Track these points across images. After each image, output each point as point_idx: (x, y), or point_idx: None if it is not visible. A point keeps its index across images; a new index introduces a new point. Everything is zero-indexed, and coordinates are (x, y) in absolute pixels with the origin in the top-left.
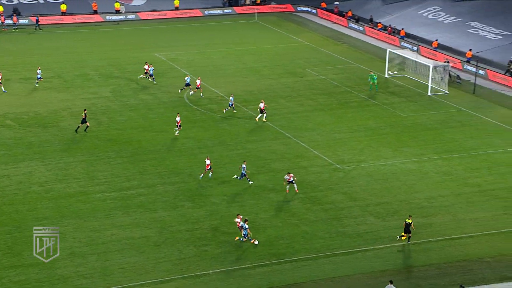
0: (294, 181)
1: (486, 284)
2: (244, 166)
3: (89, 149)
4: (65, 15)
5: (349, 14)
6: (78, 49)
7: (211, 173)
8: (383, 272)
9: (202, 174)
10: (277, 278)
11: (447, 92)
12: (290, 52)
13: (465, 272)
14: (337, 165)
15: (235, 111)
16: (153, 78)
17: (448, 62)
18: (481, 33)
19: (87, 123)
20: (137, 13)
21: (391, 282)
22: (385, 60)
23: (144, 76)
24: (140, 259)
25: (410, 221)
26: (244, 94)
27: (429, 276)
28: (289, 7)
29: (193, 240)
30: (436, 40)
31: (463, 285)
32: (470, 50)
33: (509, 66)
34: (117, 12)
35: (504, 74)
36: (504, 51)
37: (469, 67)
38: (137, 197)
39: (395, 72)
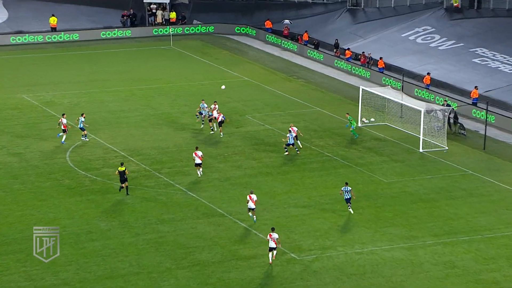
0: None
1: None
2: (349, 188)
3: None
4: None
5: (305, 37)
6: None
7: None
8: None
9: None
10: None
11: (447, 147)
12: (222, 92)
13: None
14: (293, 254)
15: (202, 124)
16: (203, 120)
17: (448, 105)
18: (492, 63)
19: (125, 183)
20: None
21: None
22: (358, 102)
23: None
24: None
25: None
26: (155, 153)
27: None
28: (219, 28)
29: None
30: (429, 73)
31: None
32: (476, 87)
33: None
34: None
35: None
36: None
37: (477, 112)
38: None
39: (372, 119)
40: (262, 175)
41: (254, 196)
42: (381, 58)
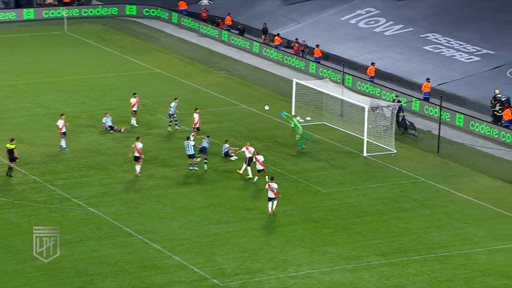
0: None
1: None
2: (226, 145)
3: None
4: None
5: (228, 21)
6: None
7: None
8: None
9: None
10: None
11: (395, 151)
12: (129, 86)
13: None
14: (215, 280)
15: (176, 126)
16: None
17: (399, 101)
18: (446, 51)
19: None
20: None
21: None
22: (291, 98)
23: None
24: None
25: None
26: (47, 161)
27: None
28: (124, 10)
29: None
30: (373, 64)
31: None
32: (428, 80)
33: (493, 107)
34: None
35: (492, 122)
36: (484, 82)
37: (429, 108)
38: None
39: (308, 118)
40: (178, 186)
41: (252, 149)
42: (317, 45)
